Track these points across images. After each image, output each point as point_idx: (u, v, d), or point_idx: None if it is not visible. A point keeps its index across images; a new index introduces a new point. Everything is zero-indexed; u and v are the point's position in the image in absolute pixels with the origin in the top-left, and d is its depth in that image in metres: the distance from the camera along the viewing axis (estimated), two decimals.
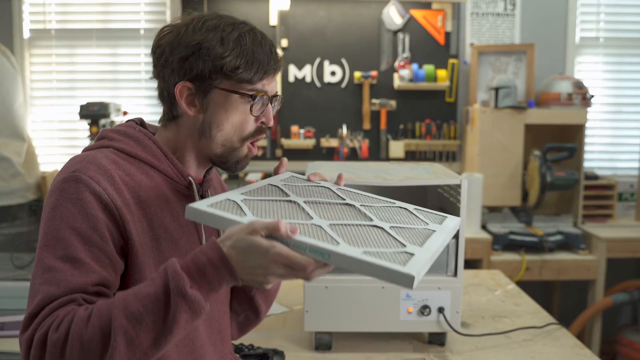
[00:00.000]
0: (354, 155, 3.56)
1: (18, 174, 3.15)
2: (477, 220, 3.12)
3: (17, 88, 3.24)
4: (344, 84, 3.56)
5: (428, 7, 3.53)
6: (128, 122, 1.12)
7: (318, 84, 3.55)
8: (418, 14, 3.52)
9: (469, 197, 2.89)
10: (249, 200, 0.99)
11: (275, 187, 1.12)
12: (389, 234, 0.93)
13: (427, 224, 1.03)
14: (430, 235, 0.96)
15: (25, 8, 3.54)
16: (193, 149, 1.08)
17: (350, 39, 3.55)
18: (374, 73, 3.53)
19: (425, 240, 0.93)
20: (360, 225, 0.95)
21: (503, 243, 3.10)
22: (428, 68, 3.48)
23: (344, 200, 1.08)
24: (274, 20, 3.49)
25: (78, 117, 3.11)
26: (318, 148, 3.57)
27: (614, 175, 3.57)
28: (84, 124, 3.26)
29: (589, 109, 3.28)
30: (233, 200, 0.97)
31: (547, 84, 3.34)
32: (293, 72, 3.53)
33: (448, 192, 1.65)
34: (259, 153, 3.54)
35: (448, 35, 3.55)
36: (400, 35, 3.52)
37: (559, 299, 3.59)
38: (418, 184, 1.48)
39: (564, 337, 1.65)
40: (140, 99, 3.56)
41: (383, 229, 0.95)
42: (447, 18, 3.53)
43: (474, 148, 3.28)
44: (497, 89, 3.24)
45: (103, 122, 3.08)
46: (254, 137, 1.08)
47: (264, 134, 1.10)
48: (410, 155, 3.56)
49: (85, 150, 1.05)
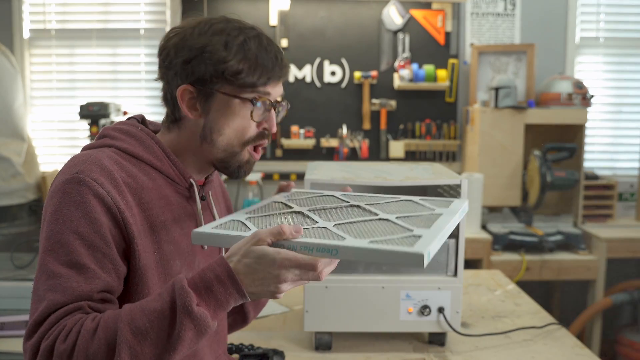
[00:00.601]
0: (354, 155, 3.56)
1: (18, 174, 3.15)
2: (477, 220, 3.12)
3: (17, 88, 3.24)
4: (344, 84, 3.56)
5: (428, 7, 3.53)
6: (129, 119, 1.11)
7: (318, 84, 3.55)
8: (418, 14, 3.52)
9: (469, 197, 2.89)
10: (253, 218, 1.00)
11: (279, 202, 1.12)
12: (395, 224, 0.93)
13: (433, 210, 1.03)
14: (438, 218, 0.96)
15: (25, 8, 3.54)
16: (195, 153, 1.07)
17: (350, 39, 3.55)
18: (374, 73, 3.53)
19: (433, 223, 0.93)
20: (366, 221, 0.95)
21: (503, 243, 3.10)
22: (428, 68, 3.48)
23: (349, 203, 1.09)
24: (274, 20, 3.49)
25: (78, 117, 3.11)
26: (318, 148, 3.57)
27: (614, 175, 3.57)
28: (84, 124, 3.25)
29: (589, 109, 3.28)
30: (237, 220, 0.98)
31: (547, 84, 3.34)
32: (293, 72, 3.53)
33: (448, 192, 1.65)
34: None
35: (448, 35, 3.55)
36: (400, 35, 3.52)
37: (559, 299, 3.59)
38: (418, 184, 1.48)
39: (564, 337, 1.65)
40: (140, 99, 3.54)
41: (389, 220, 0.95)
42: (447, 18, 3.53)
43: (474, 148, 3.28)
44: (497, 89, 3.24)
45: (103, 122, 3.08)
46: (255, 142, 1.06)
47: (266, 140, 1.08)
48: (410, 155, 3.56)
49: (86, 149, 1.04)
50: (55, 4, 3.57)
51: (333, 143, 3.54)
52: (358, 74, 3.52)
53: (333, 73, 3.54)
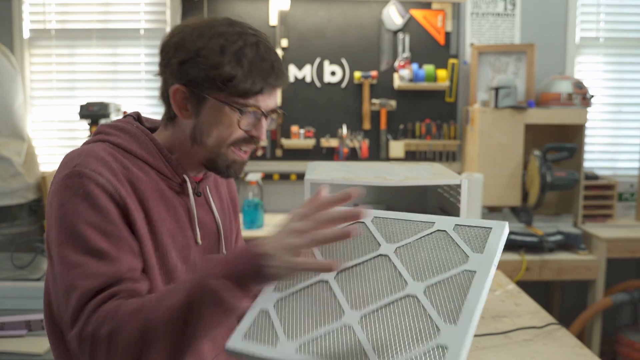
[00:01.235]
0: (354, 155, 3.56)
1: (18, 174, 3.15)
2: None
3: (17, 88, 3.24)
4: (344, 84, 3.56)
5: (428, 7, 3.53)
6: (126, 117, 1.13)
7: (318, 84, 3.55)
8: (418, 14, 3.52)
9: (469, 197, 2.89)
10: (282, 302, 0.96)
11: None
12: (423, 309, 0.86)
13: (467, 259, 0.90)
14: (470, 286, 0.86)
15: (25, 8, 3.54)
16: (187, 152, 1.09)
17: (350, 39, 3.54)
18: (374, 73, 3.53)
19: (464, 301, 0.84)
20: (393, 303, 0.89)
21: None
22: (428, 68, 3.48)
23: (378, 249, 0.99)
24: (274, 20, 3.49)
25: (78, 117, 3.11)
26: (318, 148, 3.57)
27: (614, 175, 3.57)
28: (84, 124, 3.26)
29: (589, 109, 3.28)
30: (265, 311, 0.95)
31: (547, 84, 3.34)
32: (293, 72, 3.53)
33: (448, 192, 1.65)
34: (259, 153, 3.54)
35: (448, 35, 3.55)
36: (400, 35, 3.52)
37: (559, 299, 3.59)
38: (418, 184, 1.48)
39: (564, 337, 1.65)
40: (140, 99, 3.54)
41: (417, 299, 0.88)
42: (447, 18, 3.53)
43: (474, 148, 3.28)
44: (497, 89, 3.24)
45: (103, 122, 3.08)
46: (241, 145, 1.06)
47: (252, 146, 1.08)
48: (410, 155, 3.56)
49: (82, 145, 1.06)
50: (55, 4, 3.57)
51: (333, 143, 3.54)
52: (358, 74, 3.52)
53: (333, 73, 3.54)
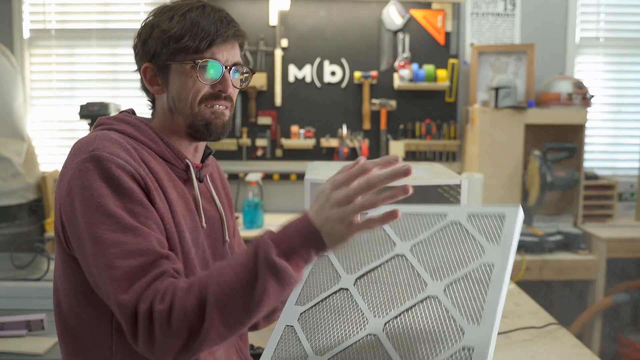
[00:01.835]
0: (354, 156, 3.55)
1: (18, 174, 3.15)
2: None
3: (17, 88, 3.24)
4: (344, 84, 3.56)
5: (428, 7, 3.53)
6: (122, 112, 1.17)
7: (318, 84, 3.55)
8: (418, 14, 3.52)
9: (469, 197, 2.89)
10: (305, 315, 0.98)
11: (325, 257, 1.07)
12: (445, 310, 0.85)
13: (483, 251, 0.88)
14: (490, 281, 0.84)
15: (25, 8, 3.54)
16: (172, 130, 1.12)
17: (350, 39, 3.54)
18: (374, 73, 3.53)
19: (485, 298, 0.83)
20: (415, 306, 0.88)
21: None
22: (428, 68, 3.48)
23: (394, 249, 0.98)
24: (274, 20, 3.49)
25: (78, 117, 3.11)
26: (318, 148, 3.57)
27: (614, 175, 3.57)
28: (84, 124, 3.25)
29: (589, 109, 3.28)
30: (290, 327, 0.97)
31: (547, 84, 3.34)
32: (293, 72, 3.53)
33: (448, 192, 1.65)
34: (259, 153, 3.54)
35: (448, 35, 3.55)
36: (400, 35, 3.52)
37: (559, 299, 3.58)
38: (418, 184, 1.48)
39: (564, 337, 1.65)
40: (140, 99, 3.52)
41: (438, 300, 0.86)
42: (447, 18, 3.53)
43: (474, 148, 3.28)
44: (497, 89, 3.24)
45: None
46: (209, 101, 1.09)
47: (220, 100, 1.10)
48: (410, 155, 3.56)
49: (91, 134, 1.07)
50: (55, 4, 3.57)
51: (333, 143, 3.54)
52: (358, 74, 3.52)
53: (333, 73, 3.54)
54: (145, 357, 0.92)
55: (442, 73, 3.49)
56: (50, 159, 3.62)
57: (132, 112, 1.18)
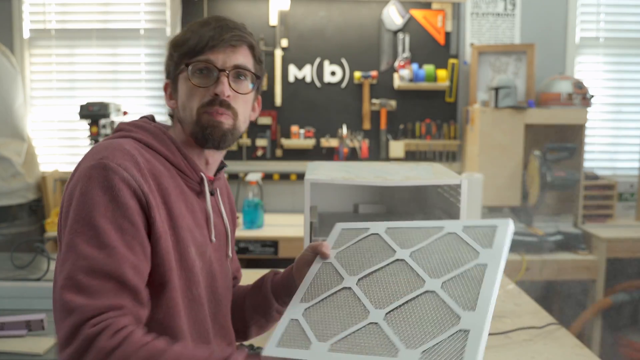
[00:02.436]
0: (354, 155, 3.56)
1: (18, 174, 3.15)
2: None
3: (17, 88, 3.24)
4: (344, 84, 3.56)
5: (428, 7, 3.53)
6: (142, 118, 1.16)
7: (318, 84, 3.55)
8: (418, 14, 3.52)
9: (469, 197, 2.89)
10: (309, 310, 1.02)
11: (329, 265, 1.11)
12: (442, 302, 0.91)
13: (477, 254, 0.96)
14: (483, 278, 0.91)
15: (25, 8, 3.54)
16: (184, 142, 1.12)
17: (350, 39, 3.55)
18: (374, 73, 3.53)
19: (479, 291, 0.89)
20: (414, 299, 0.94)
21: None
22: (428, 68, 3.48)
23: (394, 255, 1.05)
24: (274, 20, 3.49)
25: (78, 117, 3.11)
26: (318, 148, 3.57)
27: (614, 175, 3.57)
28: (84, 124, 3.25)
29: (589, 109, 3.28)
30: (295, 320, 1.01)
31: (547, 84, 3.34)
32: (293, 72, 3.53)
33: (448, 192, 1.65)
34: (259, 153, 3.54)
35: (448, 35, 3.55)
36: (400, 35, 3.52)
37: (559, 299, 3.58)
38: (418, 184, 1.48)
39: (564, 337, 1.65)
40: (140, 99, 3.53)
41: (435, 294, 0.93)
42: (447, 18, 3.53)
43: (474, 148, 3.28)
44: (497, 89, 3.24)
45: (103, 122, 3.08)
46: (207, 107, 1.08)
47: (221, 106, 1.08)
48: (410, 155, 3.56)
49: (107, 140, 1.08)
50: (55, 4, 3.57)
51: (333, 143, 3.54)
52: (358, 74, 3.52)
53: (333, 73, 3.54)
54: None
55: (442, 73, 3.49)
56: (50, 159, 3.62)
57: (152, 118, 1.18)
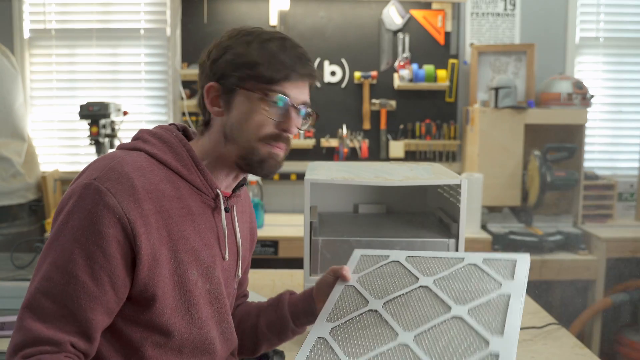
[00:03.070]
0: (354, 155, 3.56)
1: (18, 174, 3.15)
2: (477, 220, 3.12)
3: (17, 88, 3.24)
4: (344, 84, 3.56)
5: (428, 7, 3.53)
6: (170, 125, 1.12)
7: (318, 84, 3.55)
8: (418, 14, 3.52)
9: (469, 197, 2.89)
10: (336, 329, 1.03)
11: (352, 287, 1.12)
12: (470, 327, 0.92)
13: (500, 285, 0.99)
14: (508, 305, 0.93)
15: (25, 8, 3.54)
16: (220, 156, 1.08)
17: (350, 39, 3.55)
18: (374, 73, 3.53)
19: (505, 318, 0.91)
20: (441, 324, 0.95)
21: (503, 243, 3.10)
22: (428, 68, 3.48)
23: (417, 282, 1.06)
24: (274, 20, 3.49)
25: (78, 117, 3.10)
26: (318, 148, 3.57)
27: (614, 175, 3.57)
28: (84, 124, 3.25)
29: (589, 109, 3.28)
30: (322, 338, 1.01)
31: (547, 84, 3.34)
32: None
33: (448, 192, 1.65)
34: None
35: (448, 35, 3.55)
36: (400, 35, 3.52)
37: (559, 299, 3.58)
38: (418, 184, 1.48)
39: (564, 337, 1.65)
40: (140, 99, 3.53)
41: (462, 320, 0.94)
42: (447, 18, 3.53)
43: (474, 148, 3.28)
44: (497, 89, 3.24)
45: (103, 122, 3.08)
46: (272, 141, 1.05)
47: (283, 142, 1.06)
48: (410, 155, 3.56)
49: (119, 149, 1.06)
50: (55, 4, 3.57)
51: (333, 143, 3.54)
52: (358, 74, 3.52)
53: (333, 73, 3.54)
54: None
55: (442, 73, 3.49)
56: (50, 159, 3.62)
57: (182, 128, 1.13)
